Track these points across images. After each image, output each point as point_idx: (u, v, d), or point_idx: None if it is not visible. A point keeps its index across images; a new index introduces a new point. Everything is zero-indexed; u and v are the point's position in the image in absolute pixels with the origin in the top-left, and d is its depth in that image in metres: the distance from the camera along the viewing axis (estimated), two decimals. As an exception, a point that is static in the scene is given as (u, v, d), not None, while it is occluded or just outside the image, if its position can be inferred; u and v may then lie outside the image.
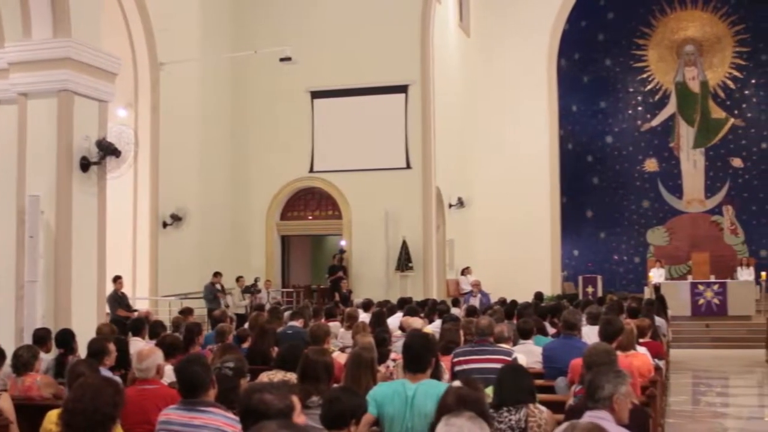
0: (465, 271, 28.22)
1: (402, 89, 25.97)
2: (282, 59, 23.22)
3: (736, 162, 33.48)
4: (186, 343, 9.70)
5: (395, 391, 6.24)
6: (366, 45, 25.96)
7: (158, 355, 6.93)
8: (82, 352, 9.43)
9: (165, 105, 23.23)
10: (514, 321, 12.35)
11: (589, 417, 5.13)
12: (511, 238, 29.83)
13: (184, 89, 24.32)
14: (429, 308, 15.66)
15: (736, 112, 33.56)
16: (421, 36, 25.96)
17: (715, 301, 26.70)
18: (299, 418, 4.41)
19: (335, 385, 6.48)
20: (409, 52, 25.88)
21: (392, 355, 9.30)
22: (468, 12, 31.14)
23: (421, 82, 25.87)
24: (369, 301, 17.62)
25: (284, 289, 26.83)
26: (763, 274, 28.15)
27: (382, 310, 14.44)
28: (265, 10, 26.90)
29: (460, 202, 28.47)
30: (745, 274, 28.79)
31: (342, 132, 26.13)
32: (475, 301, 22.60)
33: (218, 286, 22.10)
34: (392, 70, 25.88)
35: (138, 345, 10.38)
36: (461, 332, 10.14)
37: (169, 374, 7.34)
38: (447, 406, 5.04)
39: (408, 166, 25.80)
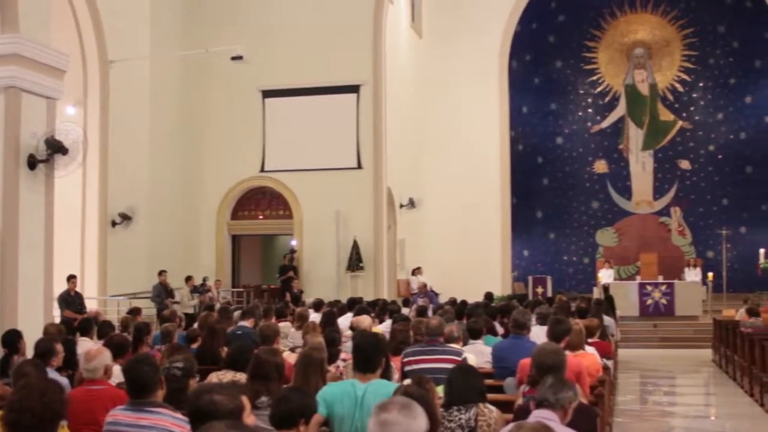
0: (416, 272, 28.28)
1: (354, 89, 25.97)
2: (233, 58, 23.13)
3: (684, 164, 33.87)
4: (134, 344, 9.62)
5: (345, 391, 6.23)
6: (318, 45, 25.93)
7: (106, 356, 6.86)
8: (30, 352, 9.31)
9: (115, 103, 23.03)
10: (464, 321, 12.38)
11: (535, 416, 5.16)
12: (461, 238, 29.93)
13: (134, 87, 24.12)
14: (379, 308, 15.67)
15: (684, 114, 33.94)
16: (373, 36, 25.98)
17: (663, 301, 27.00)
18: (249, 418, 4.40)
19: (285, 386, 6.47)
20: (361, 52, 25.89)
21: (342, 355, 9.30)
22: (420, 13, 31.20)
23: (373, 82, 25.89)
24: (320, 301, 17.59)
25: (234, 289, 26.71)
26: (710, 274, 28.53)
27: (332, 310, 14.43)
28: (216, 9, 26.78)
29: (411, 203, 28.52)
30: (692, 275, 29.14)
31: (293, 132, 26.06)
32: (426, 301, 22.61)
33: (165, 286, 21.95)
34: (344, 70, 25.87)
35: (86, 345, 10.28)
36: (411, 332, 10.16)
37: (117, 375, 7.28)
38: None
39: (359, 166, 25.81)
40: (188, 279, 23.12)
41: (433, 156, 30.86)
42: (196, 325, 12.95)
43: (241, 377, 7.17)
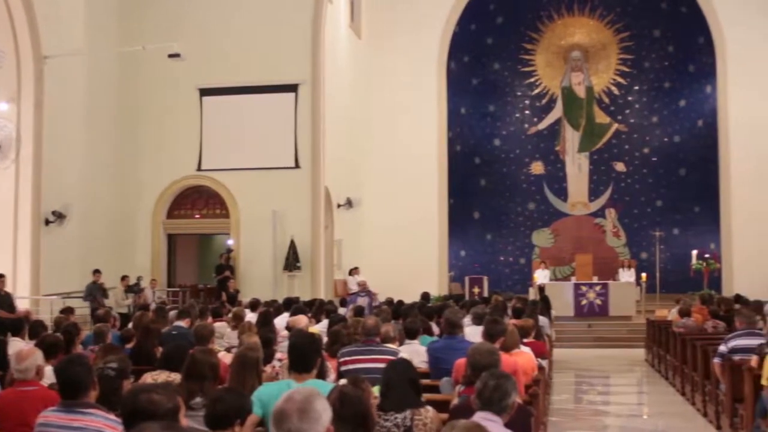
0: (353, 272, 28.28)
1: (292, 88, 25.89)
2: (171, 56, 22.94)
3: (619, 166, 34.28)
4: (66, 344, 9.49)
5: (281, 391, 6.15)
6: (256, 43, 25.81)
7: (38, 356, 6.77)
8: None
9: (49, 100, 22.70)
10: (401, 321, 12.40)
11: (480, 418, 5.18)
12: (399, 238, 29.98)
13: (70, 84, 23.82)
14: (316, 308, 15.62)
15: (619, 117, 34.36)
16: (312, 35, 25.92)
17: (598, 301, 27.29)
18: (183, 419, 4.37)
19: (220, 386, 6.44)
20: (300, 51, 25.83)
21: (278, 355, 9.26)
22: (359, 13, 31.20)
23: (312, 81, 25.83)
24: (256, 301, 17.53)
25: (170, 289, 26.49)
26: (644, 275, 28.89)
27: (268, 310, 14.36)
28: (154, 6, 26.55)
29: (349, 203, 28.52)
30: (627, 276, 29.52)
31: (231, 130, 25.92)
32: (363, 302, 22.62)
33: (99, 285, 21.71)
34: (283, 69, 25.79)
35: (17, 345, 10.10)
36: (348, 332, 10.16)
37: (49, 375, 7.18)
38: (331, 406, 5.04)
39: (297, 166, 25.74)
40: (123, 278, 22.89)
41: (371, 156, 30.88)
42: (130, 325, 12.83)
43: (176, 377, 7.11)
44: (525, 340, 10.78)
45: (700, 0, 30.51)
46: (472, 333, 10.35)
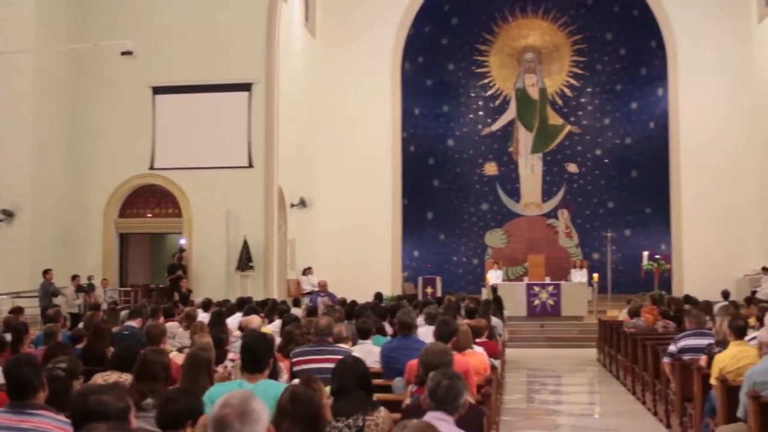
0: (306, 272, 28.26)
1: (246, 87, 25.79)
2: (123, 53, 22.73)
3: (572, 167, 34.51)
4: (14, 344, 9.38)
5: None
6: (210, 42, 25.66)
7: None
8: None
9: (-2, 97, 22.46)
10: (354, 321, 12.39)
11: (432, 417, 5.19)
12: (352, 238, 29.98)
13: (19, 82, 23.56)
14: (269, 308, 15.58)
15: (572, 119, 34.59)
16: (266, 34, 25.82)
17: (550, 302, 27.45)
18: (134, 420, 4.34)
19: (172, 386, 6.39)
20: (254, 50, 25.72)
21: (230, 356, 9.23)
22: (314, 12, 31.13)
23: (266, 80, 25.74)
24: (208, 301, 17.46)
25: (122, 288, 26.28)
26: (596, 276, 29.13)
27: (221, 310, 14.31)
28: (106, 3, 26.30)
29: (302, 202, 28.44)
30: (579, 276, 29.76)
31: (184, 129, 25.76)
32: (324, 301, 22.60)
33: (50, 285, 21.50)
34: (236, 68, 25.67)
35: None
36: (301, 332, 10.14)
37: (-3, 375, 7.09)
38: (283, 406, 5.04)
39: (250, 165, 25.63)
40: (74, 278, 22.67)
41: (325, 156, 30.84)
42: (81, 325, 12.71)
43: (127, 378, 7.05)
44: (478, 340, 10.82)
45: (652, 4, 30.80)
46: (426, 333, 10.36)
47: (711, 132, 29.91)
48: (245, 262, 25.16)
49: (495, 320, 15.80)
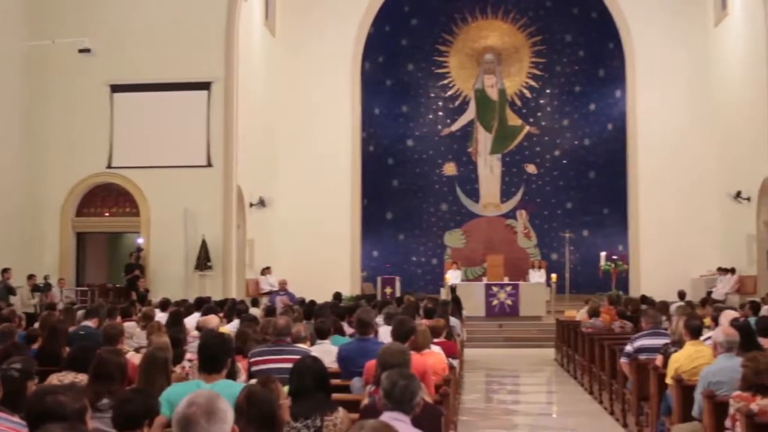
0: (265, 271, 28.19)
1: (205, 86, 25.64)
2: (81, 50, 22.58)
3: (531, 168, 34.66)
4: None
5: (190, 392, 6.14)
6: (169, 40, 25.49)
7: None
8: None
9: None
10: (313, 321, 12.37)
11: (389, 418, 5.20)
12: (312, 238, 29.91)
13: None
14: (228, 308, 15.53)
15: (531, 120, 34.74)
16: (225, 33, 25.69)
17: (508, 302, 27.59)
18: (89, 421, 4.31)
19: (128, 387, 6.35)
20: (213, 49, 25.59)
21: (188, 356, 9.18)
22: (274, 11, 31.01)
23: (225, 79, 25.62)
24: (166, 301, 17.38)
25: (79, 288, 26.02)
26: (554, 276, 29.31)
27: (179, 310, 14.25)
28: None
29: (262, 202, 28.34)
30: (537, 277, 29.94)
31: (142, 128, 25.56)
32: (283, 300, 22.58)
33: (7, 284, 21.29)
34: (195, 67, 25.52)
35: None
36: (260, 332, 10.12)
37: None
38: (239, 406, 5.02)
39: (209, 164, 25.50)
40: (30, 277, 22.46)
41: (285, 155, 30.74)
42: (36, 325, 12.59)
43: (83, 378, 6.99)
44: (436, 340, 10.85)
45: (610, 6, 31.04)
46: (386, 333, 10.38)
47: (668, 134, 30.18)
48: (204, 261, 25.03)
49: (453, 320, 15.86)
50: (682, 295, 21.03)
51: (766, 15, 24.91)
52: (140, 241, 26.07)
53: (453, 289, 27.34)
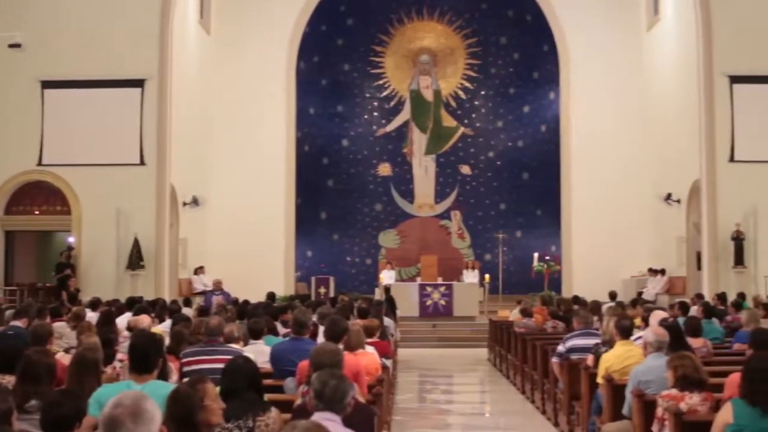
0: (198, 271, 27.99)
1: (138, 84, 25.38)
2: (11, 45, 22.22)
3: (465, 169, 34.82)
4: None
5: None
6: (102, 36, 25.17)
7: None
8: None
9: None
10: (246, 321, 12.31)
11: (320, 418, 5.20)
12: (246, 237, 29.72)
13: None
14: (160, 308, 15.39)
15: (466, 121, 34.90)
16: (159, 30, 25.45)
17: (442, 302, 27.72)
18: (16, 423, 4.24)
19: (57, 388, 6.26)
20: (147, 46, 25.32)
21: (119, 356, 9.08)
22: (209, 9, 30.75)
23: (159, 77, 25.37)
24: (97, 300, 17.18)
25: (7, 287, 25.57)
26: (487, 276, 29.54)
27: (110, 310, 14.10)
28: (-7, -6, 25.65)
29: (195, 201, 28.12)
30: (470, 277, 30.13)
31: (74, 125, 25.20)
32: (218, 300, 22.45)
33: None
34: (129, 64, 25.25)
35: None
36: (192, 332, 10.04)
37: None
38: (167, 406, 4.99)
39: (142, 163, 25.24)
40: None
41: (219, 154, 30.49)
42: (-38, 325, 12.35)
43: (10, 380, 6.87)
44: (370, 340, 10.85)
45: (545, 9, 31.32)
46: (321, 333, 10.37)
47: (601, 136, 30.53)
48: (136, 261, 24.78)
49: (387, 320, 15.90)
50: (613, 295, 21.28)
51: (696, 20, 25.34)
52: (71, 239, 25.71)
53: (387, 289, 27.35)
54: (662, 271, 27.75)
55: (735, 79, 24.98)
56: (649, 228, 29.74)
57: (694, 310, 15.73)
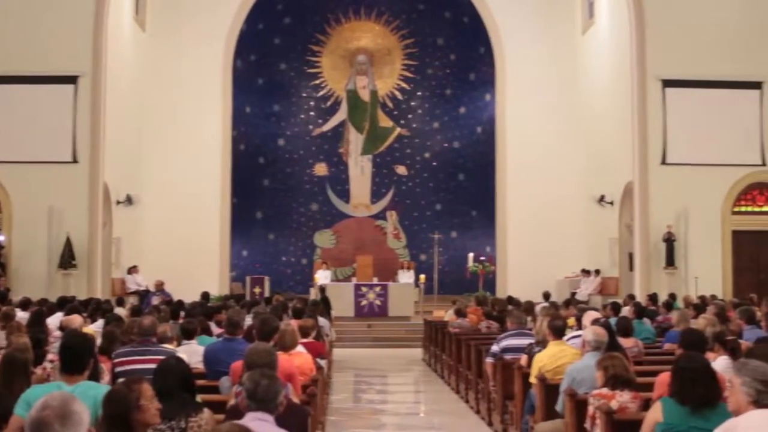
0: (131, 270, 27.68)
1: (71, 80, 25.04)
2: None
3: (401, 170, 34.92)
4: None
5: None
6: (35, 32, 24.77)
7: None
8: None
9: None
10: (180, 321, 12.23)
11: (253, 418, 5.23)
12: (181, 237, 29.43)
13: None
14: (92, 308, 15.22)
15: (402, 121, 35.00)
16: (94, 26, 25.13)
17: (377, 302, 27.75)
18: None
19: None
20: (81, 42, 24.98)
21: (50, 356, 8.96)
22: (144, 5, 30.40)
23: (92, 73, 25.04)
24: (27, 300, 16.94)
25: (-66, 286, 25.15)
26: (422, 277, 29.64)
27: (41, 309, 13.92)
28: None
29: (129, 200, 27.83)
30: (406, 277, 30.21)
31: (4, 121, 24.78)
32: (157, 300, 22.29)
33: None
34: (62, 60, 24.90)
35: None
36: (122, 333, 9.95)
37: None
38: (105, 408, 4.94)
39: (75, 161, 24.91)
40: None
41: (154, 152, 30.13)
42: None
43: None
44: (304, 341, 10.83)
45: (481, 11, 31.48)
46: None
47: (536, 138, 30.76)
48: (68, 260, 24.45)
49: (322, 320, 15.90)
50: (546, 296, 21.48)
51: (630, 25, 25.68)
52: (1, 238, 25.29)
53: (322, 289, 27.38)
54: (596, 272, 28.09)
55: (667, 83, 25.37)
56: (583, 229, 30.05)
57: (626, 311, 15.93)
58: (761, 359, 5.91)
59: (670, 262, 24.89)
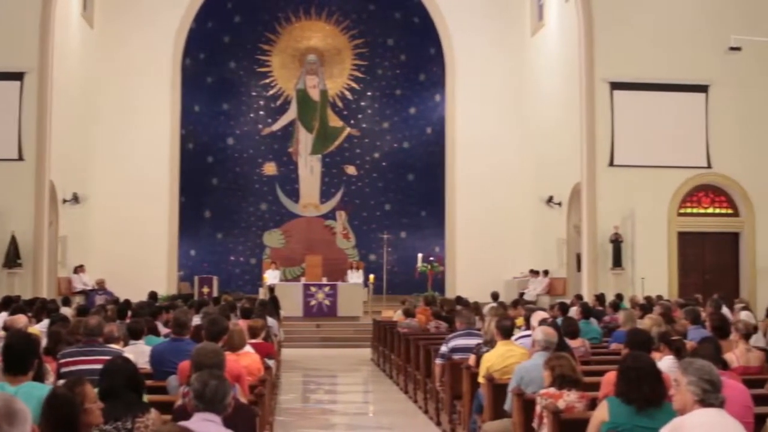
0: (78, 270, 27.37)
1: (17, 76, 24.71)
2: None
3: (350, 169, 34.92)
4: None
5: (-7, 395, 5.90)
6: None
7: None
8: None
9: None
10: (127, 321, 12.11)
11: (201, 419, 5.22)
12: (128, 236, 29.16)
13: None
14: (37, 307, 15.03)
15: (352, 121, 35.00)
16: (40, 22, 24.81)
17: (326, 302, 27.74)
18: None
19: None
20: (27, 38, 24.65)
21: (-7, 357, 8.82)
22: (92, 2, 30.08)
23: (39, 70, 24.73)
24: (-29, 300, 16.67)
25: None
26: (372, 277, 29.69)
27: (-16, 309, 13.71)
28: None
29: (75, 198, 27.51)
30: (355, 277, 30.22)
31: (-52, 118, 24.46)
32: (101, 299, 22.08)
33: None
34: (7, 56, 24.57)
35: None
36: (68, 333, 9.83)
37: None
38: (43, 409, 4.88)
39: (20, 158, 24.59)
40: None
41: (102, 151, 29.82)
42: None
43: None
44: (253, 341, 10.79)
45: (432, 12, 31.56)
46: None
47: (485, 139, 30.89)
48: (13, 259, 24.13)
49: (271, 320, 15.85)
50: (495, 296, 21.57)
51: (579, 27, 25.87)
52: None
53: (271, 289, 27.32)
54: (545, 272, 28.28)
55: (615, 86, 25.59)
56: (531, 230, 30.25)
57: (574, 311, 16.05)
58: (706, 359, 6.01)
59: (617, 262, 25.10)
